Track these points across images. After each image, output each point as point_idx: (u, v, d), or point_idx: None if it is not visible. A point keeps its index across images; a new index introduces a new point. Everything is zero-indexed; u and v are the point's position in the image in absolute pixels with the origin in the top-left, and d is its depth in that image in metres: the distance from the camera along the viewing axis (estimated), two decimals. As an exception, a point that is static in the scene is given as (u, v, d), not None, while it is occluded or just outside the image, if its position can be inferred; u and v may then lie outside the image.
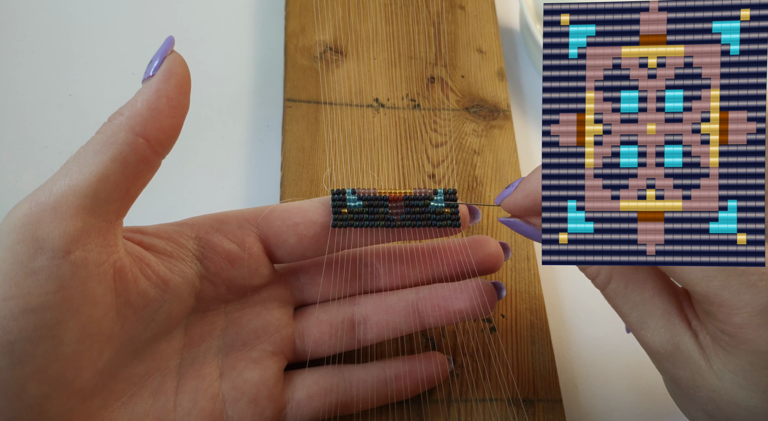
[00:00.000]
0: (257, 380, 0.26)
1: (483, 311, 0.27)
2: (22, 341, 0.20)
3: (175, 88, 0.23)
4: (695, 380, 0.22)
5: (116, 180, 0.21)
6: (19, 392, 0.20)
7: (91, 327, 0.21)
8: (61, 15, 0.40)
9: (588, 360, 0.32)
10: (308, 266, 0.29)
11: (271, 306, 0.27)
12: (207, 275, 0.25)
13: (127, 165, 0.22)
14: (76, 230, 0.21)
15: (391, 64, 0.38)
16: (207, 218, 0.26)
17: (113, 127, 0.22)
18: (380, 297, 0.28)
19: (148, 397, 0.24)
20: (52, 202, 0.21)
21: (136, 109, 0.22)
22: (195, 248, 0.25)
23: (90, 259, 0.21)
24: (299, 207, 0.27)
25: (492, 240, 0.29)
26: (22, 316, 0.20)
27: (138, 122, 0.22)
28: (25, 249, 0.20)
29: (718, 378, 0.22)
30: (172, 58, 0.23)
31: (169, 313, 0.24)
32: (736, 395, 0.21)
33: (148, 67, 0.23)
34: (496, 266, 0.29)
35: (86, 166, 0.21)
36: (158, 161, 0.23)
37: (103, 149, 0.21)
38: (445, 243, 0.29)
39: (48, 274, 0.20)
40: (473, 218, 0.28)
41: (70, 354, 0.21)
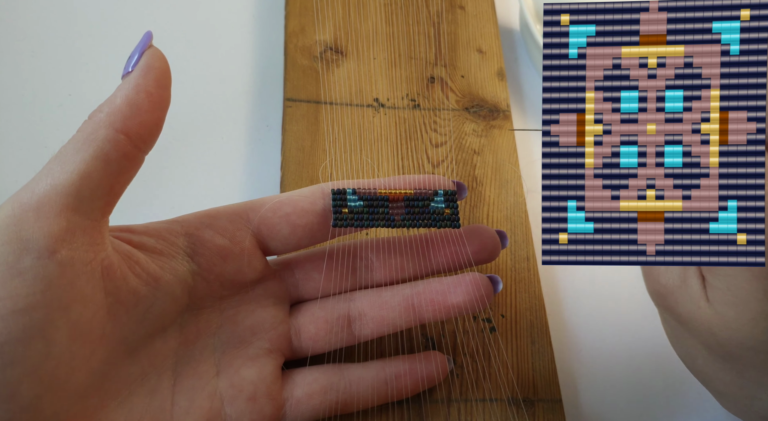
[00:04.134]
0: (254, 377, 0.25)
1: (480, 304, 0.27)
2: (11, 342, 0.20)
3: (154, 82, 0.22)
4: (695, 313, 0.23)
5: (99, 177, 0.21)
6: (13, 394, 0.20)
7: (81, 326, 0.21)
8: (61, 15, 0.40)
9: (588, 360, 0.32)
10: (303, 261, 0.29)
11: (267, 303, 0.27)
12: (199, 272, 0.25)
13: (109, 162, 0.22)
14: (60, 229, 0.21)
15: (391, 64, 0.38)
16: (197, 214, 0.26)
17: (93, 124, 0.22)
18: (376, 292, 0.28)
19: (144, 396, 0.24)
20: (34, 203, 0.21)
21: (115, 105, 0.22)
22: (185, 245, 0.25)
23: (77, 257, 0.21)
24: (289, 197, 0.27)
25: (488, 228, 0.29)
26: (10, 317, 0.20)
27: (118, 118, 0.22)
28: (10, 250, 0.20)
29: (713, 304, 0.23)
30: (151, 53, 0.23)
31: (162, 311, 0.24)
32: (726, 313, 0.22)
33: (127, 63, 0.23)
34: (494, 255, 0.29)
35: (68, 165, 0.21)
36: (141, 157, 0.23)
37: (84, 147, 0.21)
38: (441, 234, 0.29)
39: (34, 274, 0.20)
40: (460, 195, 0.28)
41: (62, 354, 0.21)
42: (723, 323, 0.23)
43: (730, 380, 0.24)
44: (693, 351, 0.25)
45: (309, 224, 0.26)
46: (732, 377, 0.24)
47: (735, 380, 0.24)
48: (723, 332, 0.23)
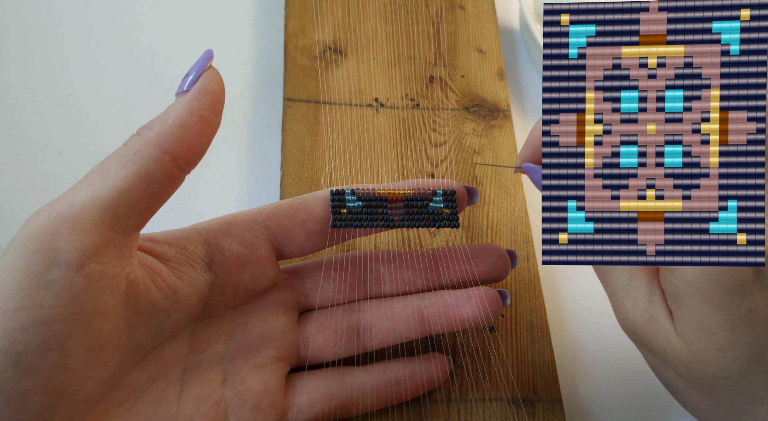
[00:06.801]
0: (260, 386, 0.25)
1: (487, 319, 0.27)
2: (29, 353, 0.19)
3: (208, 106, 0.22)
4: (666, 347, 0.23)
5: (138, 196, 0.21)
6: (24, 404, 0.20)
7: (99, 339, 0.21)
8: (61, 15, 0.40)
9: (588, 360, 0.32)
10: (313, 270, 0.29)
11: (277, 311, 0.27)
12: (216, 281, 0.25)
13: (152, 182, 0.21)
14: (93, 244, 0.20)
15: (390, 64, 0.38)
16: (215, 221, 0.26)
17: (141, 141, 0.22)
18: (385, 303, 0.28)
19: (151, 403, 0.24)
20: (71, 214, 0.20)
21: (167, 126, 0.22)
22: (204, 254, 0.25)
23: (104, 272, 0.21)
24: (304, 203, 0.27)
25: (499, 248, 0.29)
26: (31, 328, 0.19)
27: (167, 140, 0.21)
28: (41, 260, 0.20)
29: (682, 337, 0.23)
30: (209, 75, 0.23)
31: (177, 321, 0.24)
32: (695, 345, 0.23)
33: (183, 81, 0.23)
34: (503, 275, 0.29)
35: (109, 180, 0.21)
36: (182, 178, 0.23)
37: (129, 164, 0.21)
38: (450, 250, 0.29)
39: (61, 286, 0.20)
40: (471, 199, 0.28)
41: (77, 366, 0.21)
42: (694, 355, 0.23)
43: (711, 408, 0.24)
44: (673, 383, 0.25)
45: (324, 230, 0.27)
46: (713, 406, 0.24)
47: (717, 410, 0.24)
48: (695, 363, 0.23)
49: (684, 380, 0.24)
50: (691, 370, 0.23)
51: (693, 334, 0.22)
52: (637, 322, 0.24)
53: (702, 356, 0.23)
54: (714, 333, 0.22)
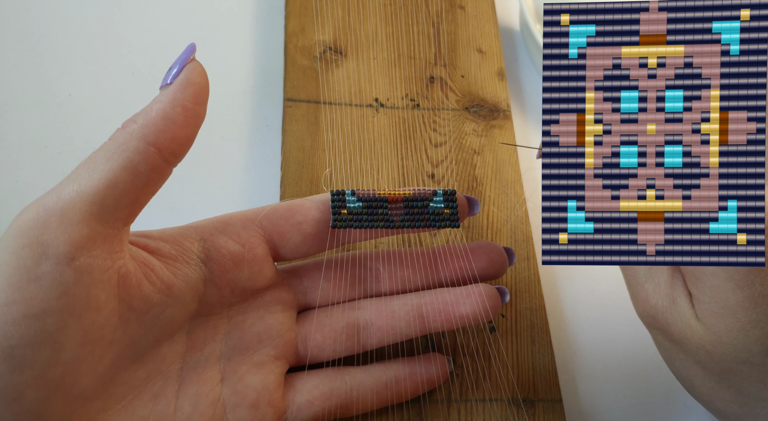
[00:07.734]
0: (258, 385, 0.25)
1: (486, 316, 0.27)
2: (22, 346, 0.20)
3: (192, 98, 0.22)
4: (686, 332, 0.23)
5: (125, 188, 0.21)
6: (18, 397, 0.20)
7: (92, 333, 0.21)
8: (62, 15, 0.40)
9: (588, 360, 0.32)
10: (311, 269, 0.29)
11: (275, 309, 0.27)
12: (211, 278, 0.25)
13: (138, 173, 0.21)
14: (82, 237, 0.21)
15: (390, 64, 0.38)
16: (211, 220, 0.26)
17: (126, 134, 0.22)
18: (384, 301, 0.28)
19: (148, 401, 0.24)
20: (59, 208, 0.20)
21: (150, 117, 0.22)
22: (200, 251, 0.25)
23: (95, 265, 0.21)
24: (301, 205, 0.27)
25: (496, 245, 0.29)
26: (23, 321, 0.20)
27: (151, 131, 0.22)
28: (30, 254, 0.20)
29: (703, 320, 0.23)
30: (192, 67, 0.23)
31: (172, 317, 0.24)
32: (716, 327, 0.23)
33: (167, 75, 0.23)
34: (500, 272, 0.29)
35: (96, 173, 0.21)
36: (169, 170, 0.23)
37: (114, 156, 0.21)
38: (448, 248, 0.29)
39: (51, 280, 0.20)
40: (471, 210, 0.28)
41: (71, 359, 0.21)
42: (715, 337, 0.23)
43: (730, 397, 0.24)
44: (690, 373, 0.25)
45: (319, 233, 0.27)
46: (732, 395, 0.24)
47: (735, 398, 0.24)
48: (716, 347, 0.23)
49: (702, 367, 0.24)
50: (711, 354, 0.23)
51: (715, 316, 0.22)
52: (657, 307, 0.24)
53: (724, 339, 0.22)
54: (736, 312, 0.22)
